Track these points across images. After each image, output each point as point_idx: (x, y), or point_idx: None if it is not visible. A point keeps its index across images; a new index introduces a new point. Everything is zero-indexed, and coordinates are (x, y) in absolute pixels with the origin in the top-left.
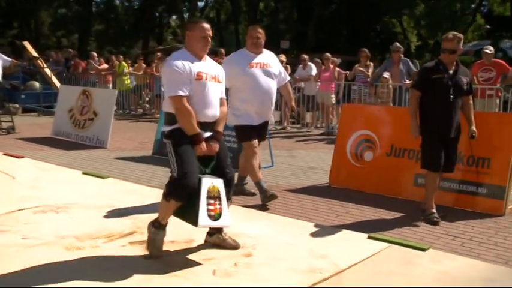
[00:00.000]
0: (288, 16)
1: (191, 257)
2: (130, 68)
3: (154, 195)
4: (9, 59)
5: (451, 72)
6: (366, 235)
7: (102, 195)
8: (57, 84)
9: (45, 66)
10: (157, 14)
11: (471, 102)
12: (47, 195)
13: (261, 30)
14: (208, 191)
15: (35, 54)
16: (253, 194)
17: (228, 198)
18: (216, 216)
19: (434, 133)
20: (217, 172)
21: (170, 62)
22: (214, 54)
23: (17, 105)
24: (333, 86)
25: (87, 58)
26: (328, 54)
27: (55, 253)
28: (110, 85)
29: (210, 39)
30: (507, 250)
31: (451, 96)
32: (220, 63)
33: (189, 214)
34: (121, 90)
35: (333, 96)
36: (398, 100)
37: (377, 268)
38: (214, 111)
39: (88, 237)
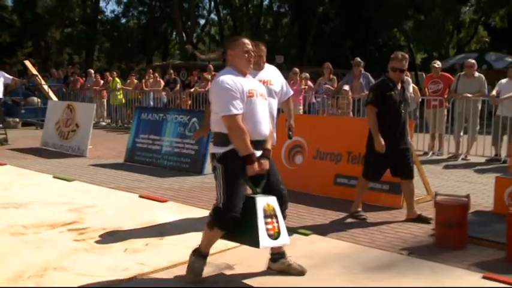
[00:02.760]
0: (288, 32)
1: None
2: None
3: (109, 194)
4: (11, 77)
5: (399, 88)
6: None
7: (63, 194)
8: (54, 99)
9: (43, 83)
10: (162, 31)
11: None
12: (15, 194)
13: (263, 48)
14: (264, 210)
15: (34, 72)
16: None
17: (283, 216)
18: (275, 235)
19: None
20: (269, 190)
21: (221, 80)
22: (203, 70)
23: (17, 119)
24: (301, 98)
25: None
26: (296, 69)
27: (1, 237)
28: (105, 100)
29: (252, 54)
30: (383, 234)
31: (402, 111)
32: (208, 78)
33: (247, 236)
34: (114, 105)
35: (301, 107)
36: (357, 111)
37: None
38: (265, 129)
39: (33, 226)
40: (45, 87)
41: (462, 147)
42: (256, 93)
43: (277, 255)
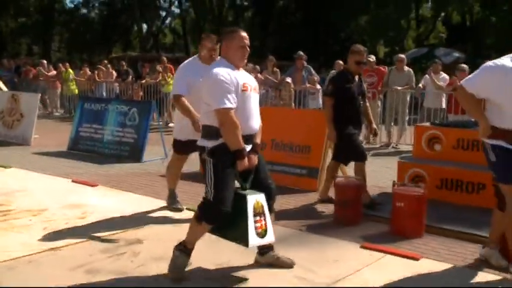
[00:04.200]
0: (249, 24)
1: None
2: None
3: (43, 180)
4: None
5: (356, 80)
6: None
7: None
8: (4, 89)
9: None
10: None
11: (367, 104)
12: None
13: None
14: (254, 209)
15: None
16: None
17: (271, 210)
18: (263, 233)
19: (349, 134)
20: (258, 185)
21: (215, 73)
22: (157, 61)
23: None
24: None
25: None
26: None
27: None
28: (59, 90)
29: (248, 49)
30: (292, 213)
31: (360, 102)
32: (159, 70)
33: (236, 234)
34: (67, 95)
35: None
36: (299, 102)
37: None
38: (256, 123)
39: None
40: None
41: (392, 137)
42: (250, 88)
43: (265, 249)
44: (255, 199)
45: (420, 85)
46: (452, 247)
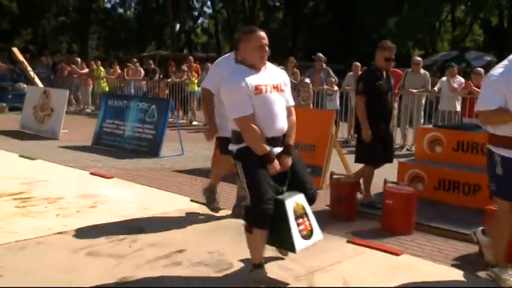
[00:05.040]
0: (281, 24)
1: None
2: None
3: (64, 171)
4: None
5: (385, 77)
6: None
7: (22, 170)
8: (40, 85)
9: (29, 69)
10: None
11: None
12: None
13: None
14: (294, 211)
15: (21, 58)
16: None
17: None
18: (308, 234)
19: (377, 131)
20: (296, 187)
21: (226, 81)
22: (185, 60)
23: (4, 104)
24: None
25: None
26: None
27: None
28: (91, 87)
29: (267, 48)
30: None
31: (389, 99)
32: (184, 69)
33: (281, 240)
34: (98, 92)
35: None
36: (316, 103)
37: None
38: (281, 124)
39: None
40: (31, 73)
41: (407, 139)
42: (267, 88)
43: None
44: (294, 202)
45: (436, 88)
46: (437, 244)
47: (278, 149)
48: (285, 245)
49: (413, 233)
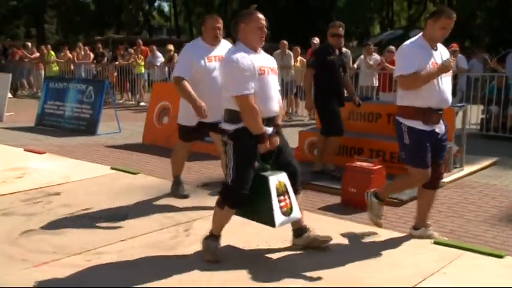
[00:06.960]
0: (237, 7)
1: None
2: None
3: (1, 148)
4: None
5: (337, 53)
6: None
7: None
8: None
9: None
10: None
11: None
12: None
13: (221, 21)
14: (277, 189)
15: None
16: None
17: (297, 191)
18: (288, 211)
19: (333, 105)
20: (282, 165)
21: (233, 58)
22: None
23: None
24: None
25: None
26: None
27: None
28: (42, 71)
29: (266, 30)
30: None
31: (341, 74)
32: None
33: (262, 215)
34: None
35: None
36: None
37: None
38: (276, 105)
39: None
40: None
41: None
42: (267, 70)
43: (298, 230)
44: (276, 179)
45: (355, 65)
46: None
47: (270, 129)
48: (265, 220)
49: None
